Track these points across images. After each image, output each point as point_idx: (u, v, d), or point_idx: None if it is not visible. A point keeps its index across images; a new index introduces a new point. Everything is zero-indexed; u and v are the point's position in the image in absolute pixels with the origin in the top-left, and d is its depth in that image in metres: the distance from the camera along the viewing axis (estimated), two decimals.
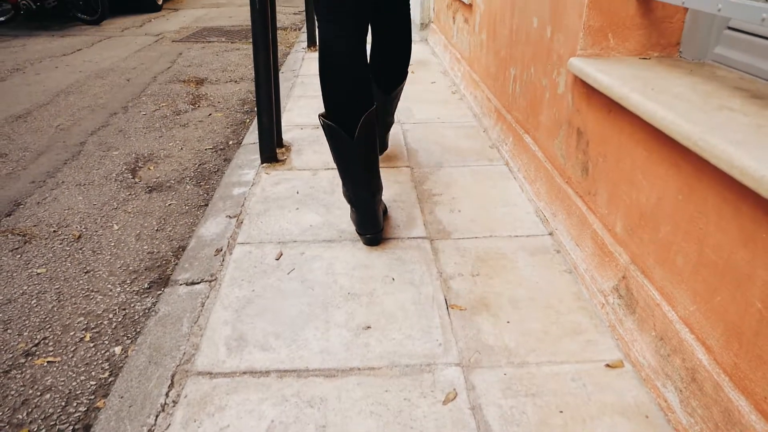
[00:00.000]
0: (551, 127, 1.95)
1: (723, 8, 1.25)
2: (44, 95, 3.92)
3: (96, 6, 7.03)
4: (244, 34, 6.23)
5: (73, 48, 5.59)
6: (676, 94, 1.31)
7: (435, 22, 4.63)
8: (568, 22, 1.76)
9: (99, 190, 2.48)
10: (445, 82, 3.57)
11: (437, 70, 3.89)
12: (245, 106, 3.65)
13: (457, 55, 3.61)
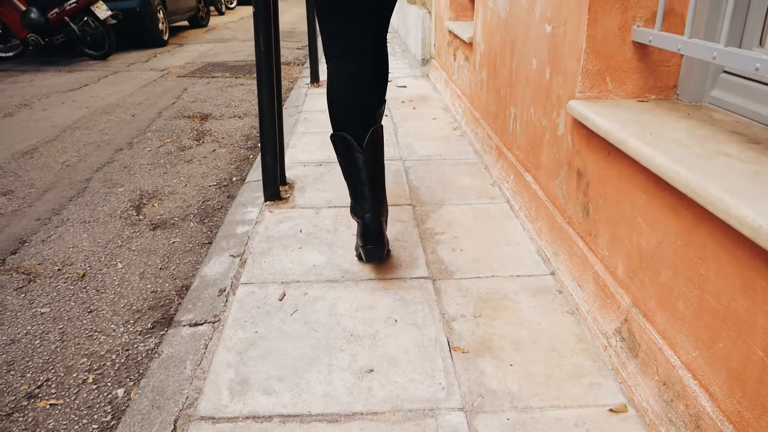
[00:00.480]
0: (552, 167, 1.97)
1: (718, 57, 1.28)
2: (51, 131, 3.97)
3: (103, 41, 7.16)
4: (248, 69, 6.32)
5: (79, 83, 5.68)
6: (673, 139, 1.33)
7: (436, 58, 4.70)
8: (566, 65, 1.80)
9: (104, 227, 2.50)
10: (447, 118, 3.62)
11: (438, 106, 3.94)
12: (249, 142, 3.69)
13: (458, 91, 3.67)
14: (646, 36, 1.58)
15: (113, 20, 7.10)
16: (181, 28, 10.43)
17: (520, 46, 2.31)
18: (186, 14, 9.92)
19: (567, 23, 1.79)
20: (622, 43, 1.66)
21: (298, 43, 8.29)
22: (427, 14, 5.20)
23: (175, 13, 9.16)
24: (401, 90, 4.45)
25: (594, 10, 1.63)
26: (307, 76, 5.12)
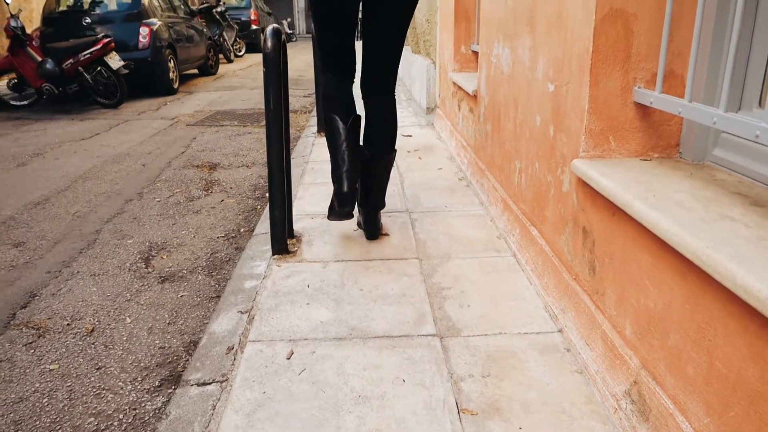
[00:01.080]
0: (557, 222, 1.99)
1: (718, 122, 1.31)
2: (63, 181, 4.04)
3: (115, 90, 7.32)
4: (255, 117, 6.43)
5: (91, 132, 5.79)
6: (677, 201, 1.35)
7: (441, 107, 4.78)
8: (569, 124, 1.84)
9: (113, 280, 2.52)
10: (452, 168, 3.66)
11: (444, 155, 3.99)
12: (257, 192, 3.74)
13: (463, 142, 3.72)
14: (648, 98, 1.61)
15: (125, 70, 7.28)
16: (191, 76, 10.66)
17: (524, 102, 2.36)
18: (196, 63, 10.16)
19: (569, 83, 1.83)
20: (623, 104, 1.70)
21: (304, 91, 8.44)
22: (432, 64, 5.31)
23: (185, 62, 9.38)
24: (407, 139, 4.52)
25: (595, 72, 1.67)
26: (313, 125, 5.20)
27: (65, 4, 8.32)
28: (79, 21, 7.93)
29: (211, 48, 11.00)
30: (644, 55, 1.66)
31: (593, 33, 1.63)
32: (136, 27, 7.97)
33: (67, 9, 8.25)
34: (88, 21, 7.94)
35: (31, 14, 10.36)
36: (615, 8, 1.61)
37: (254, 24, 16.70)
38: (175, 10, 9.54)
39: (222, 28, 13.27)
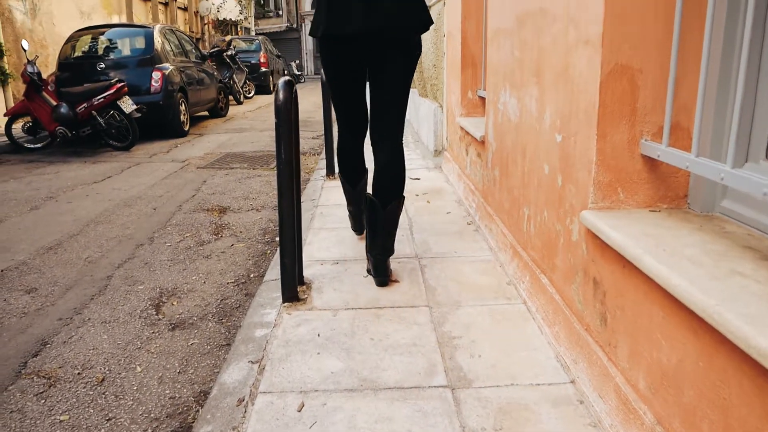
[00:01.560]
0: (567, 271, 1.99)
1: (725, 178, 1.33)
2: (75, 225, 4.08)
3: (127, 133, 7.45)
4: (264, 160, 6.51)
5: (103, 175, 5.87)
6: (687, 256, 1.36)
7: (449, 150, 4.84)
8: (578, 175, 1.86)
9: (123, 327, 2.52)
10: (460, 212, 3.68)
11: (452, 199, 4.02)
12: (266, 236, 3.76)
13: (471, 186, 3.75)
14: (655, 151, 1.64)
15: (137, 113, 7.42)
16: (201, 118, 10.83)
17: (532, 150, 2.39)
18: (206, 105, 10.34)
19: (577, 135, 1.86)
20: (631, 156, 1.72)
21: (313, 133, 8.55)
22: (439, 108, 5.39)
23: (196, 105, 9.55)
24: (415, 182, 4.56)
25: (602, 125, 1.70)
26: (322, 168, 5.25)
27: (80, 50, 8.54)
28: (93, 66, 8.13)
29: (221, 90, 11.21)
30: (650, 109, 1.69)
31: (599, 88, 1.67)
32: (149, 72, 8.16)
33: (82, 55, 8.46)
34: (102, 66, 8.13)
35: (47, 59, 10.62)
36: (620, 64, 1.65)
37: (263, 66, 17.02)
38: (187, 55, 9.76)
39: (232, 71, 13.55)
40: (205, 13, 19.61)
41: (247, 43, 17.68)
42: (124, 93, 7.34)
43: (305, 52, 34.36)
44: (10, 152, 7.56)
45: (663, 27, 1.62)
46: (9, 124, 7.59)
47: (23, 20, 10.22)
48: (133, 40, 8.73)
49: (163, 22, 16.44)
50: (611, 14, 1.62)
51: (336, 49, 2.46)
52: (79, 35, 8.73)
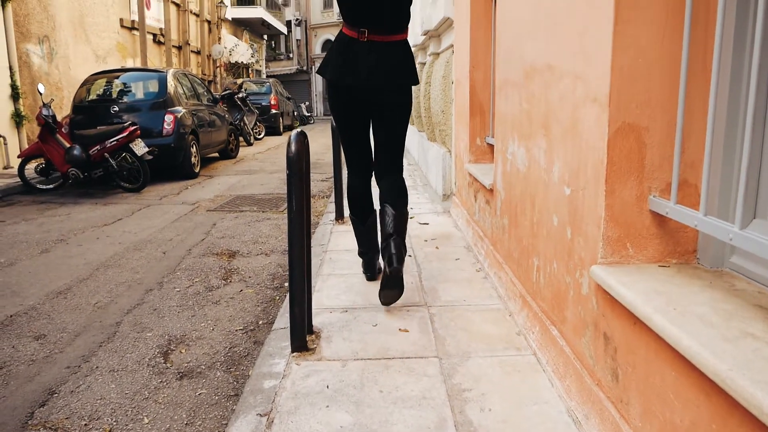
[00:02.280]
0: (577, 324, 1.99)
1: (734, 239, 1.34)
2: (85, 269, 4.11)
3: (138, 175, 7.54)
4: (274, 202, 6.57)
5: (114, 217, 5.93)
6: (698, 315, 1.36)
7: (457, 195, 4.86)
8: (587, 229, 1.87)
9: (131, 376, 2.52)
10: (469, 259, 3.68)
11: (461, 245, 4.03)
12: (275, 281, 3.77)
13: (480, 232, 3.76)
14: (663, 208, 1.65)
15: (149, 156, 7.53)
16: (212, 160, 10.96)
17: (540, 201, 2.40)
18: (217, 147, 10.48)
19: (585, 189, 1.88)
20: (639, 212, 1.74)
21: (322, 175, 8.63)
22: (447, 153, 5.44)
23: (207, 147, 9.68)
24: (424, 227, 4.57)
25: (611, 181, 1.72)
26: (332, 212, 5.28)
27: (95, 93, 8.72)
28: (107, 109, 8.28)
29: (231, 132, 11.37)
30: (658, 166, 1.71)
31: (607, 145, 1.69)
32: (162, 114, 8.30)
33: (96, 98, 8.64)
34: (116, 109, 8.29)
35: (62, 102, 10.83)
36: (627, 122, 1.68)
37: (274, 108, 17.30)
38: (199, 98, 9.94)
39: (243, 113, 13.77)
40: (217, 57, 20.03)
41: (258, 86, 18.01)
42: (136, 136, 7.46)
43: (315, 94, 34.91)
44: (23, 193, 7.66)
45: (669, 87, 1.66)
46: (22, 165, 7.71)
47: (40, 64, 10.48)
48: (147, 84, 8.92)
49: (177, 65, 16.79)
50: (618, 74, 1.66)
51: (343, 94, 2.93)
52: (94, 79, 8.93)
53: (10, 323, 3.15)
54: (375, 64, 2.81)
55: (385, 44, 2.84)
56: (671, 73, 1.65)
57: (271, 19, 24.61)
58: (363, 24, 2.80)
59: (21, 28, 9.92)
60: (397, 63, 2.88)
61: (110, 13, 13.07)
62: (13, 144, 9.59)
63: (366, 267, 3.33)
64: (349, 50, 2.84)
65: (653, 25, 1.63)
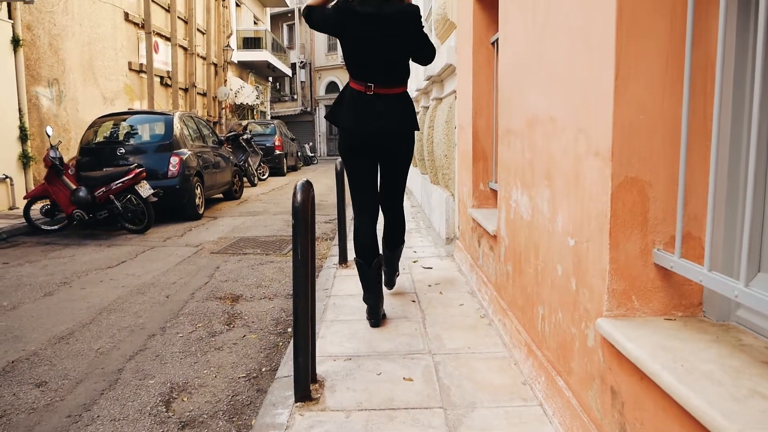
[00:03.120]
0: (584, 376, 1.97)
1: (739, 296, 1.34)
2: (87, 313, 4.10)
3: (143, 216, 7.59)
4: (278, 245, 6.58)
5: (118, 260, 5.94)
6: (706, 373, 1.35)
7: (461, 239, 4.87)
8: (591, 281, 1.87)
9: (133, 426, 2.49)
10: (473, 305, 3.67)
11: (464, 290, 4.02)
12: (278, 327, 3.75)
13: (484, 278, 3.76)
14: (668, 262, 1.65)
15: (154, 198, 7.58)
16: (216, 201, 11.03)
17: (545, 250, 2.41)
18: (221, 188, 10.56)
19: (589, 242, 1.89)
20: (644, 265, 1.74)
21: (326, 216, 8.66)
22: (451, 197, 5.47)
23: (211, 188, 9.75)
24: (428, 272, 4.57)
25: (615, 235, 1.73)
26: (335, 255, 5.27)
27: (102, 136, 8.84)
28: (113, 151, 8.38)
29: (236, 174, 11.46)
30: (661, 219, 1.72)
31: (610, 199, 1.71)
32: (167, 157, 8.39)
33: (103, 140, 8.75)
34: (122, 151, 8.38)
35: (69, 143, 10.98)
36: (630, 176, 1.70)
37: (278, 149, 17.47)
38: (204, 139, 10.06)
39: (247, 154, 13.90)
40: (223, 98, 20.34)
41: (262, 127, 18.23)
42: (142, 178, 7.54)
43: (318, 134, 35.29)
44: (27, 234, 7.70)
45: (670, 141, 1.68)
46: (28, 206, 7.77)
47: (49, 106, 10.65)
48: (154, 126, 9.04)
49: (183, 106, 17.05)
50: (620, 129, 1.68)
51: (354, 140, 3.30)
52: (101, 121, 9.06)
53: (11, 369, 3.13)
54: (381, 114, 3.21)
55: (388, 96, 3.25)
56: (672, 128, 1.68)
57: (276, 61, 25.06)
58: (369, 79, 3.20)
59: (32, 71, 10.13)
60: (400, 112, 3.28)
61: (119, 57, 13.34)
62: (19, 185, 9.69)
63: (370, 313, 3.35)
64: (358, 102, 3.22)
65: (653, 81, 1.67)
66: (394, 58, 3.23)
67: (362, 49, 3.19)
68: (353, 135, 3.27)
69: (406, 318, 3.44)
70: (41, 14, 10.37)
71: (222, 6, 20.77)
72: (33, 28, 10.18)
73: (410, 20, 3.22)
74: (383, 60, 3.20)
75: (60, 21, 10.91)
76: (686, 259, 1.64)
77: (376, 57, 3.18)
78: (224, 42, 21.01)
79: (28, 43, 9.97)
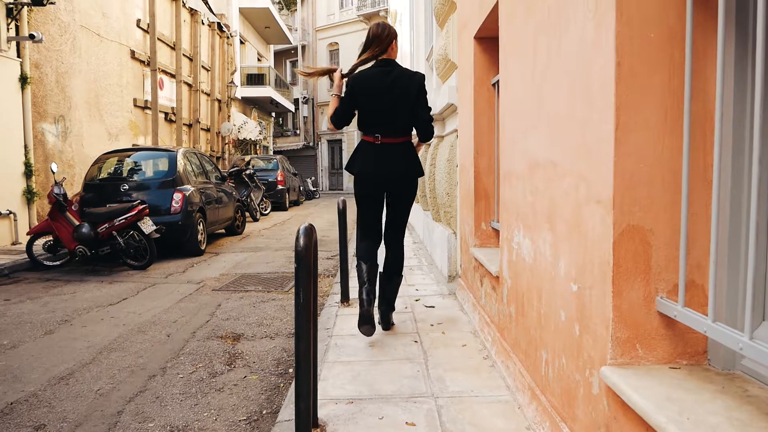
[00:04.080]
0: (589, 424, 1.95)
1: (744, 348, 1.34)
2: (88, 352, 4.07)
3: (145, 252, 7.59)
4: (279, 282, 6.57)
5: (119, 297, 5.92)
6: (712, 426, 1.34)
7: (462, 278, 4.86)
8: (595, 328, 1.86)
9: None
10: (476, 345, 3.64)
11: (467, 329, 4.00)
12: (279, 367, 3.72)
13: (486, 318, 3.74)
14: (672, 311, 1.65)
15: (157, 234, 7.59)
16: (218, 236, 11.04)
17: (547, 294, 2.41)
18: (224, 224, 10.58)
19: (592, 288, 1.89)
20: (647, 313, 1.74)
21: (328, 252, 8.66)
22: (453, 235, 5.48)
23: (213, 224, 9.77)
24: (430, 311, 4.55)
25: (618, 283, 1.73)
26: (337, 293, 5.26)
27: (106, 172, 8.90)
28: (117, 187, 8.43)
29: (238, 209, 11.50)
30: (664, 267, 1.72)
31: (612, 247, 1.72)
32: (170, 193, 8.43)
33: (107, 176, 8.81)
34: (126, 187, 8.43)
35: (73, 178, 11.06)
36: (632, 224, 1.71)
37: (280, 184, 17.56)
38: (207, 175, 10.13)
39: (250, 190, 13.97)
40: (226, 134, 20.54)
41: (265, 162, 18.36)
42: (145, 214, 7.56)
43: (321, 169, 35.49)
44: (29, 269, 7.70)
45: (671, 190, 1.70)
46: (30, 242, 7.79)
47: (54, 142, 10.76)
48: (158, 162, 9.11)
49: (187, 142, 17.21)
50: (620, 178, 1.70)
51: (366, 183, 3.82)
52: (106, 157, 9.13)
53: (10, 411, 3.09)
54: (388, 160, 3.74)
55: (394, 144, 3.77)
56: (673, 177, 1.70)
57: (279, 97, 25.38)
58: (377, 131, 3.73)
59: (38, 108, 10.26)
60: (404, 158, 3.79)
61: (124, 94, 13.52)
62: (23, 220, 9.72)
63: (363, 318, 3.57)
64: (368, 151, 3.76)
65: (653, 132, 1.69)
66: (398, 115, 3.72)
67: (372, 112, 3.72)
68: (365, 179, 3.80)
69: (408, 360, 3.41)
70: (49, 52, 10.55)
71: (227, 44, 21.13)
72: (41, 66, 10.34)
73: (415, 87, 3.72)
74: (389, 117, 3.72)
75: (67, 59, 11.09)
76: (690, 307, 1.64)
77: (384, 116, 3.71)
78: (228, 78, 21.32)
79: (35, 81, 10.12)
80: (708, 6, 1.66)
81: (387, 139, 3.72)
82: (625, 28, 1.66)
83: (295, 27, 34.56)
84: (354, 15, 32.45)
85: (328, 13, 34.64)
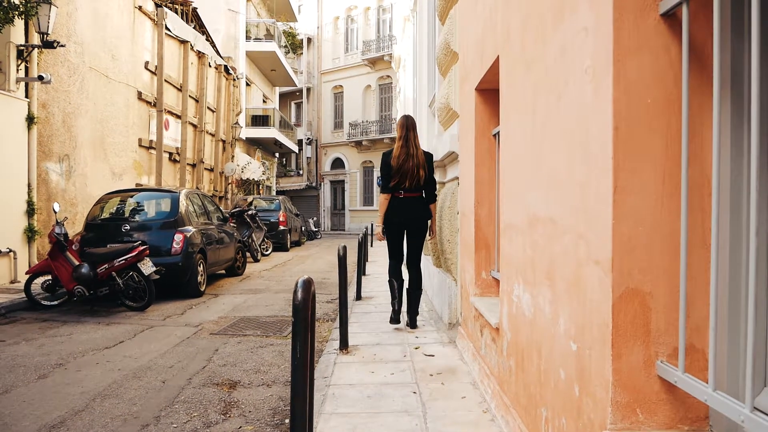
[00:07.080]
0: None
1: (746, 421, 1.31)
2: (81, 399, 4.01)
3: (144, 293, 7.55)
4: (278, 326, 6.51)
5: (116, 340, 5.87)
6: None
7: (463, 327, 4.82)
8: (594, 390, 1.84)
9: None
10: (475, 397, 3.59)
11: (467, 380, 3.94)
12: (276, 417, 3.66)
13: (486, 369, 3.69)
14: (672, 376, 1.63)
15: (156, 275, 7.57)
16: (218, 276, 10.99)
17: (547, 351, 2.38)
18: (224, 264, 10.55)
19: (592, 350, 1.86)
20: (648, 377, 1.72)
21: (328, 296, 8.60)
22: (453, 282, 5.45)
23: (214, 264, 9.75)
24: (429, 360, 4.49)
25: (617, 345, 1.71)
26: (336, 339, 5.20)
27: (108, 212, 8.93)
28: (118, 228, 8.44)
29: (239, 250, 11.48)
30: (663, 330, 1.71)
31: (612, 309, 1.71)
32: (172, 234, 8.44)
33: (109, 216, 8.84)
34: (127, 228, 8.44)
35: (75, 217, 11.08)
36: (631, 287, 1.70)
37: (282, 225, 17.59)
38: (209, 216, 10.15)
39: (251, 230, 13.99)
40: (230, 174, 20.68)
41: (267, 203, 18.44)
42: (145, 255, 7.55)
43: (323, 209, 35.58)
44: (26, 309, 7.64)
45: (670, 253, 1.70)
46: (29, 281, 7.76)
47: (57, 181, 10.82)
48: (160, 203, 9.15)
49: (190, 181, 17.31)
50: (619, 241, 1.70)
51: (393, 225, 5.66)
52: (108, 197, 9.18)
53: None
54: (408, 209, 5.61)
55: (413, 198, 5.63)
56: (671, 240, 1.70)
57: (283, 138, 25.64)
58: (400, 189, 5.56)
59: (44, 147, 10.35)
60: (420, 208, 5.68)
61: (130, 134, 13.67)
62: (23, 258, 9.71)
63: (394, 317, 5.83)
64: (395, 203, 5.60)
65: (651, 195, 1.70)
66: (417, 178, 5.53)
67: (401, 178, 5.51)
68: (392, 221, 5.64)
69: (407, 412, 3.36)
70: (57, 93, 10.71)
71: (233, 86, 21.46)
72: (48, 106, 10.48)
73: (429, 161, 5.67)
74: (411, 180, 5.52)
75: (75, 99, 11.25)
76: (690, 372, 1.62)
77: (408, 179, 5.52)
78: (233, 119, 21.58)
79: (42, 121, 10.25)
80: (704, 71, 1.68)
81: (408, 194, 5.62)
82: (622, 94, 1.69)
83: (301, 70, 35.14)
84: (359, 59, 33.05)
85: (333, 57, 35.25)
